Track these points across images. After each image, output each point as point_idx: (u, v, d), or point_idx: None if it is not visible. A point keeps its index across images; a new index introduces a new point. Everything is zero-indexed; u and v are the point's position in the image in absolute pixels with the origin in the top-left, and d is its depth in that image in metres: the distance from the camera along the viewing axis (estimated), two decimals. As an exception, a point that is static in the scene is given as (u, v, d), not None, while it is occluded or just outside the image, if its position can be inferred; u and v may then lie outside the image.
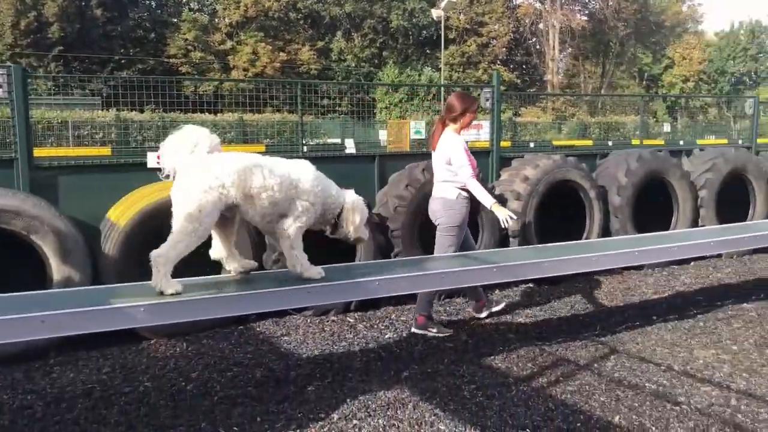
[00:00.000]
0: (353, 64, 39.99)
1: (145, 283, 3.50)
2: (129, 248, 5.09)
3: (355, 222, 3.90)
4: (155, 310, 3.25)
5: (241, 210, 3.59)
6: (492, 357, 4.76)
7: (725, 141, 13.81)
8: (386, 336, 5.26)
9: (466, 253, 5.04)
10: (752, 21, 48.71)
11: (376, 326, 5.49)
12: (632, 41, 44.47)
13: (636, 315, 5.80)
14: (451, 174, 5.13)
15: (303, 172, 3.72)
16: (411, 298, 5.92)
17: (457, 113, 5.15)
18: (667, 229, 7.67)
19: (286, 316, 5.67)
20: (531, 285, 6.71)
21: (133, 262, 5.04)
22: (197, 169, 3.40)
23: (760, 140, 10.47)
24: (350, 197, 3.95)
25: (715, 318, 5.68)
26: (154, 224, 5.21)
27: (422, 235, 6.21)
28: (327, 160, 7.20)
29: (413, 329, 5.31)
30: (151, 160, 5.57)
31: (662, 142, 12.20)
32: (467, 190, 5.13)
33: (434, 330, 5.26)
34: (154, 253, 3.35)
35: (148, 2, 39.74)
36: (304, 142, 8.09)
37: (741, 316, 5.72)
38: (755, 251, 8.11)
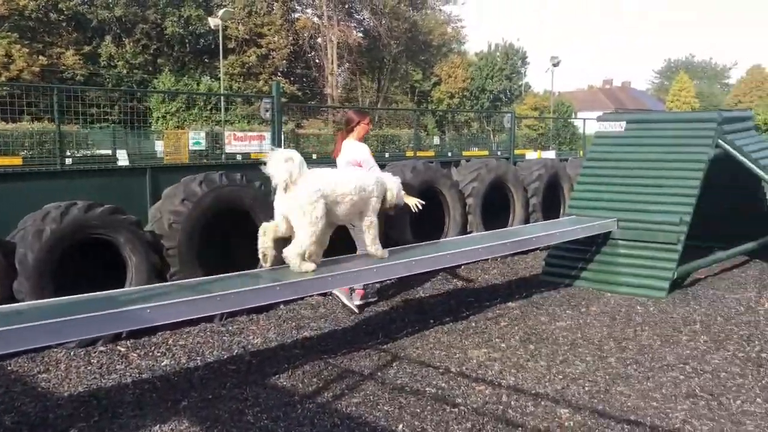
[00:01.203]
0: (125, 71, 37.62)
1: None
2: None
3: (391, 200, 5.23)
4: None
5: (329, 212, 4.69)
6: (277, 376, 4.62)
7: (487, 152, 15.08)
8: (162, 363, 4.88)
9: (240, 273, 4.83)
10: (506, 44, 53.95)
11: (151, 354, 5.07)
12: (404, 59, 47.05)
13: (415, 320, 6.01)
14: None
15: (368, 178, 5.03)
16: (191, 321, 5.58)
17: (353, 125, 6.18)
18: (441, 235, 8.11)
19: (45, 350, 5.03)
20: (316, 297, 6.66)
21: None
22: (305, 184, 4.54)
23: (517, 151, 11.54)
24: (389, 180, 5.28)
25: (485, 318, 6.07)
26: None
27: (202, 253, 5.90)
28: (94, 174, 6.60)
29: (336, 292, 6.23)
30: None
31: (433, 154, 13.00)
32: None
33: (357, 301, 6.30)
34: (286, 250, 4.57)
35: None
36: (68, 153, 7.34)
37: (507, 315, 6.17)
38: (516, 253, 8.83)
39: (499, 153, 12.35)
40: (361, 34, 44.88)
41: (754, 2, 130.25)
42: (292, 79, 43.25)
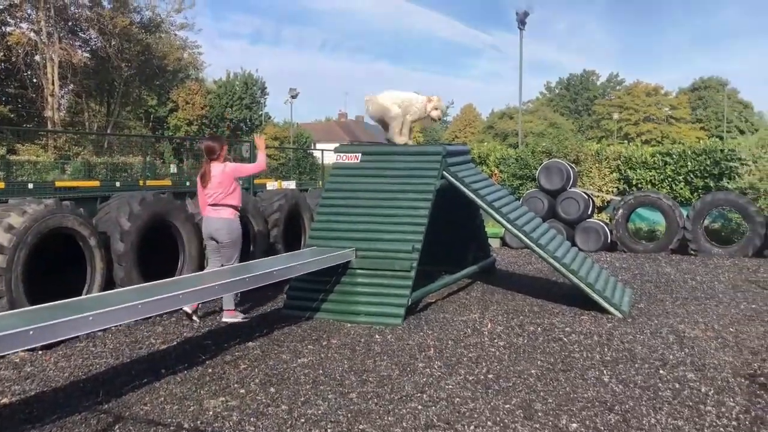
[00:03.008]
0: None
1: None
2: None
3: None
4: None
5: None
6: (-39, 459, 3.74)
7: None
8: None
9: None
10: (245, 73, 53.87)
11: None
12: (137, 83, 44.51)
13: (144, 370, 5.38)
14: (229, 198, 6.78)
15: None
16: None
17: (219, 152, 6.85)
18: (174, 273, 7.50)
19: None
20: (21, 353, 5.67)
21: None
22: (384, 99, 8.30)
23: (257, 181, 11.29)
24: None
25: (223, 361, 5.65)
26: None
27: None
28: None
29: (224, 319, 6.91)
30: None
31: (170, 183, 12.25)
32: (240, 212, 7.04)
33: (240, 317, 6.99)
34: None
35: None
36: None
37: (247, 356, 5.82)
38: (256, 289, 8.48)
39: (239, 183, 12.00)
40: (87, 55, 41.47)
41: (470, 51, 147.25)
42: (4, 99, 38.47)
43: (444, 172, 7.85)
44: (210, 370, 5.40)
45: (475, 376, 5.29)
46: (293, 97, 46.76)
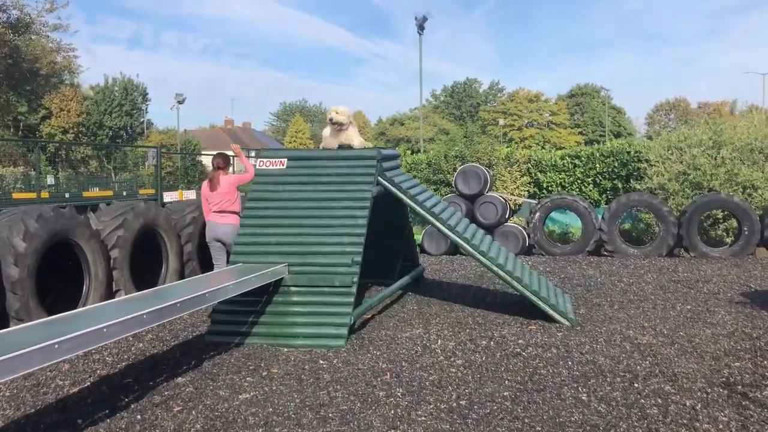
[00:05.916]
0: None
1: None
2: None
3: None
4: None
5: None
6: None
7: (111, 193, 13.34)
8: None
9: None
10: (125, 78, 50.94)
11: None
12: (5, 87, 40.94)
13: (56, 423, 4.47)
14: (234, 205, 7.58)
15: None
16: None
17: (227, 164, 7.84)
18: (78, 301, 6.48)
19: None
20: None
21: None
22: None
23: (143, 192, 10.28)
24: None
25: (152, 404, 4.80)
26: None
27: None
28: None
29: None
30: None
31: (47, 195, 11.05)
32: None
33: None
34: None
35: None
36: None
37: (179, 395, 4.99)
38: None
39: (124, 193, 10.88)
40: (-56, 56, 37.65)
41: (357, 60, 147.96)
42: None
43: (379, 178, 7.30)
44: (138, 417, 4.55)
45: (447, 404, 4.76)
46: (180, 102, 44.64)
